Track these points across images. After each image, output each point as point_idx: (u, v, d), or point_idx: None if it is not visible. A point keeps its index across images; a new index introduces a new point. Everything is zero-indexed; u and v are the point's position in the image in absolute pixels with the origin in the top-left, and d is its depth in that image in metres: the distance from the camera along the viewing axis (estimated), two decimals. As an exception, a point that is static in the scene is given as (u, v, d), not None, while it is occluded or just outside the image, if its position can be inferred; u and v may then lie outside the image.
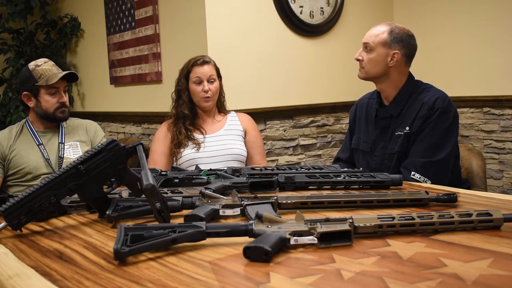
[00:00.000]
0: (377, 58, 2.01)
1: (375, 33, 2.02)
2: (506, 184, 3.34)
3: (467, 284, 0.80)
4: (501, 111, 3.32)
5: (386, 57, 2.00)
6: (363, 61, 2.04)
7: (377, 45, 2.00)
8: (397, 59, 1.99)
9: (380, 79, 2.04)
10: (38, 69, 2.23)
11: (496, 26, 3.32)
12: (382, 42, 2.00)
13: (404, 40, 2.01)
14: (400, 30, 2.01)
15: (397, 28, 2.02)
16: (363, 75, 2.07)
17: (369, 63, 2.03)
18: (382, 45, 2.00)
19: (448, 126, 1.93)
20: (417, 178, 1.87)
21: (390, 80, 2.03)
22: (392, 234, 1.07)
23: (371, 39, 2.02)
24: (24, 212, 1.23)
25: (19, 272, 0.96)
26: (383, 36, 2.00)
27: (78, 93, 4.50)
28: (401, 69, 2.03)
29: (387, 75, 2.02)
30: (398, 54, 1.99)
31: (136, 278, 0.89)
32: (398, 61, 2.00)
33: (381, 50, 2.00)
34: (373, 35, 2.02)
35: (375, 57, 2.01)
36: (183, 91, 2.41)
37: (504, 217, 1.08)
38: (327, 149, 3.64)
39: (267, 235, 0.99)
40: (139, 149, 1.31)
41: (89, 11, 4.19)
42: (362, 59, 2.05)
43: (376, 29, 2.04)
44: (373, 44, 2.01)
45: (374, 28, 2.05)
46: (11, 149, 2.24)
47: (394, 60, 2.00)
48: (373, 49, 2.01)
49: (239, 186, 1.54)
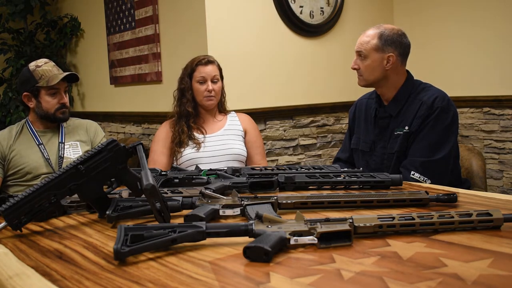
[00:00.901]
0: (373, 64, 2.00)
1: (365, 40, 2.01)
2: (506, 184, 3.34)
3: (467, 284, 0.80)
4: (501, 111, 3.32)
5: (382, 61, 1.99)
6: (360, 69, 2.04)
7: (370, 52, 1.99)
8: (393, 61, 1.99)
9: (380, 83, 2.04)
10: (39, 70, 2.22)
11: (497, 26, 3.32)
12: (374, 48, 1.99)
13: (396, 41, 2.00)
14: (390, 32, 2.00)
15: (386, 30, 2.00)
16: (363, 82, 2.06)
17: (366, 71, 2.02)
18: (375, 51, 1.99)
19: (448, 125, 1.93)
20: (417, 177, 1.87)
21: (390, 82, 2.03)
22: (392, 234, 1.07)
23: (363, 47, 2.01)
24: (24, 212, 1.23)
25: (19, 272, 0.96)
26: (374, 42, 1.99)
27: (78, 93, 4.50)
28: (398, 70, 2.03)
29: (386, 78, 2.02)
30: (393, 57, 1.99)
31: (136, 278, 0.90)
32: (394, 62, 1.99)
33: (375, 56, 1.99)
34: (364, 42, 2.01)
35: (370, 64, 2.00)
36: (187, 90, 2.40)
37: (504, 217, 1.08)
38: (327, 149, 3.64)
39: (267, 235, 0.99)
40: (139, 149, 1.31)
41: (89, 11, 4.19)
42: (358, 67, 2.04)
43: (366, 36, 2.02)
44: (365, 51, 2.00)
45: (363, 35, 2.04)
46: (11, 149, 2.24)
47: (390, 63, 1.99)
48: (367, 56, 2.00)
49: (239, 186, 1.54)
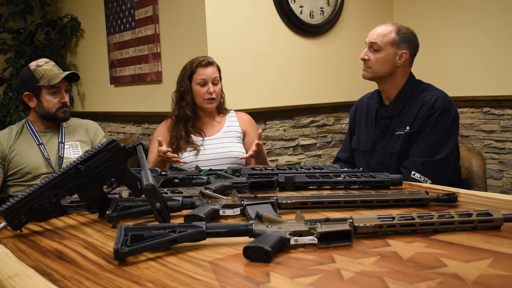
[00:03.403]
0: (386, 57, 1.99)
1: (382, 32, 1.99)
2: (506, 184, 3.34)
3: (467, 284, 0.80)
4: (501, 111, 3.32)
5: (395, 56, 1.99)
6: (370, 60, 2.02)
7: (386, 45, 1.98)
8: (405, 59, 1.99)
9: (386, 79, 2.02)
10: (40, 69, 2.22)
11: (497, 26, 3.32)
12: (391, 42, 1.98)
13: (411, 40, 2.00)
14: (406, 30, 2.01)
15: (403, 28, 2.01)
16: (370, 75, 2.03)
17: (377, 63, 2.00)
18: (391, 45, 1.98)
19: (449, 125, 1.93)
20: (418, 177, 1.87)
21: (394, 80, 2.02)
22: (392, 234, 1.07)
23: (379, 39, 1.99)
24: (24, 212, 1.23)
25: (19, 272, 0.96)
26: (392, 35, 1.98)
27: (78, 93, 4.50)
28: (405, 69, 2.03)
29: (393, 75, 2.01)
30: (406, 54, 1.99)
31: (136, 278, 0.89)
32: (406, 60, 1.99)
33: (390, 50, 1.98)
34: (381, 34, 1.99)
35: (383, 57, 1.99)
36: (187, 92, 2.33)
37: (504, 217, 1.08)
38: (327, 149, 3.64)
39: (267, 235, 0.99)
40: (139, 149, 1.31)
41: (89, 11, 4.19)
42: (368, 58, 2.02)
43: (383, 29, 2.01)
44: (381, 43, 1.98)
45: (379, 27, 2.02)
46: (11, 149, 2.24)
47: (402, 60, 1.99)
48: (382, 48, 1.98)
49: (239, 186, 1.54)
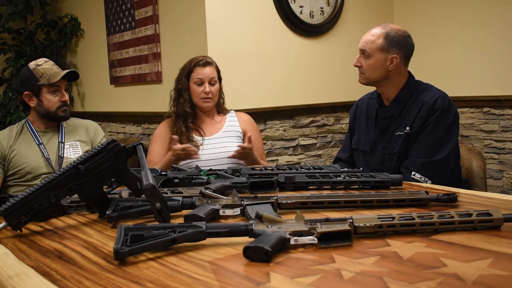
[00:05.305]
0: (376, 64, 1.99)
1: (370, 38, 2.00)
2: (506, 184, 3.34)
3: (467, 284, 0.80)
4: (501, 111, 3.32)
5: (385, 61, 1.98)
6: (362, 67, 2.03)
7: (375, 51, 1.98)
8: (396, 62, 1.98)
9: (381, 83, 2.03)
10: (39, 69, 2.23)
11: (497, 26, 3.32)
12: (379, 48, 1.98)
13: (401, 43, 1.99)
14: (395, 33, 1.99)
15: (392, 31, 1.99)
16: (364, 80, 2.05)
17: (369, 69, 2.01)
18: (380, 51, 1.98)
19: (449, 125, 1.93)
20: (418, 178, 1.87)
21: (391, 82, 2.02)
22: (392, 234, 1.07)
23: (368, 46, 1.99)
24: (24, 212, 1.23)
25: (19, 272, 0.96)
26: (379, 41, 1.98)
27: (78, 93, 4.50)
28: (400, 71, 2.02)
29: (388, 78, 2.01)
30: (396, 58, 1.98)
31: (136, 278, 0.89)
32: (397, 64, 1.99)
33: (379, 56, 1.98)
34: (369, 41, 1.99)
35: (373, 63, 1.99)
36: (184, 90, 2.36)
37: (504, 217, 1.08)
38: (327, 149, 3.64)
39: (267, 235, 0.99)
40: (139, 149, 1.31)
41: (89, 11, 4.19)
42: (360, 65, 2.03)
43: (371, 34, 2.01)
44: (370, 50, 1.99)
45: (368, 33, 2.02)
46: (11, 149, 2.24)
47: (393, 64, 1.98)
48: (371, 55, 1.99)
49: (239, 186, 1.54)
